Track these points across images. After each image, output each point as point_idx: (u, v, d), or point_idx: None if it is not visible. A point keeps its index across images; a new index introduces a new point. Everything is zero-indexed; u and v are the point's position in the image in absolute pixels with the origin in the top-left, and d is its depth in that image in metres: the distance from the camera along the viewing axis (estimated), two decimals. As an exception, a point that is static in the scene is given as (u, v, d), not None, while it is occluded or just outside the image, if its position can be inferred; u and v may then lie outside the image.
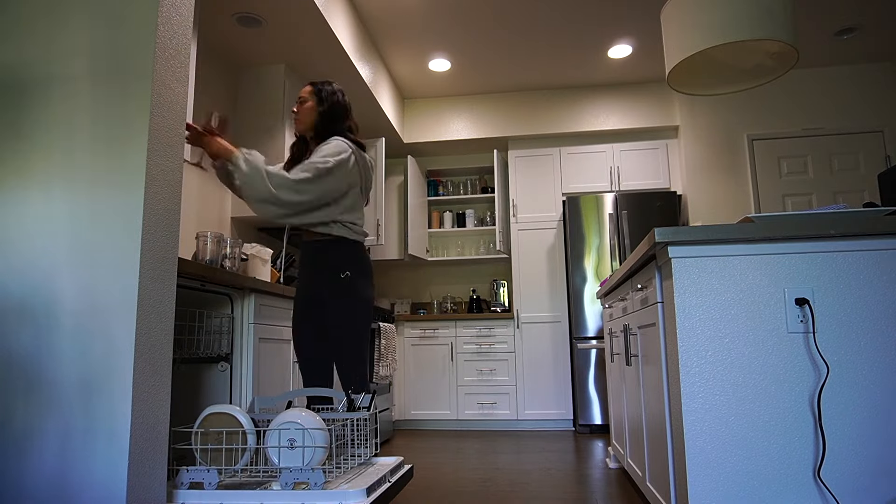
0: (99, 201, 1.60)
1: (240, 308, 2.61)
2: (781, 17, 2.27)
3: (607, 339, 3.07)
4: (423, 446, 4.07)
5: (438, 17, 4.07)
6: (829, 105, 4.77)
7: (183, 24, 1.79)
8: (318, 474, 1.76)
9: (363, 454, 2.16)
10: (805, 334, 1.56)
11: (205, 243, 2.73)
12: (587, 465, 3.33)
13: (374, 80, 4.40)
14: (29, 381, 1.55)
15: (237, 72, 3.90)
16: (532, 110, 5.24)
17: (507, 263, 5.53)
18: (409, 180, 5.21)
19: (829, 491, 1.49)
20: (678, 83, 2.66)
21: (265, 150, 3.76)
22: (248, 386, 2.55)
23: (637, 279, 2.14)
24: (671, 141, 5.06)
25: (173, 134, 1.73)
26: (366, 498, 1.74)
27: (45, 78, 1.67)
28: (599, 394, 4.59)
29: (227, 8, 3.26)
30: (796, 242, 1.60)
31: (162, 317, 1.66)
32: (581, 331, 4.70)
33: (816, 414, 1.52)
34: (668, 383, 1.73)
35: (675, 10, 2.46)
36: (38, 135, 1.65)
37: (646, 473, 2.15)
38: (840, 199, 4.61)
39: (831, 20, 4.17)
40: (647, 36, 4.39)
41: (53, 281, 1.58)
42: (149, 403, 1.59)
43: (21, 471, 1.51)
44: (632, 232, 4.72)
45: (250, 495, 1.74)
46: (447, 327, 4.98)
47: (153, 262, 1.63)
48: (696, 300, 1.61)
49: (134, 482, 1.51)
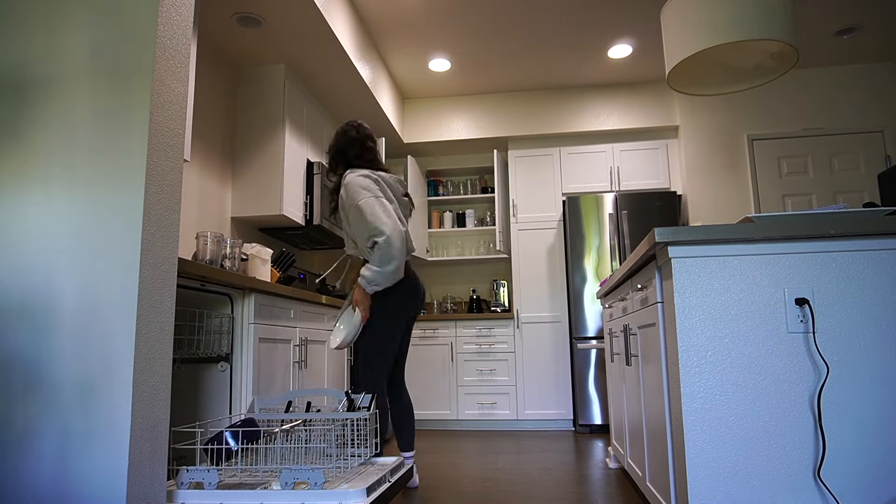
0: (99, 201, 1.60)
1: (240, 308, 2.61)
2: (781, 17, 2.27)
3: (607, 339, 3.07)
4: (422, 446, 4.06)
5: (438, 17, 4.07)
6: (829, 105, 4.77)
7: (183, 23, 1.79)
8: (318, 474, 1.76)
9: (363, 454, 2.16)
10: (805, 334, 1.56)
11: (205, 243, 2.73)
12: (587, 465, 3.32)
13: (374, 80, 4.40)
14: (28, 381, 1.55)
15: (237, 72, 3.90)
16: (532, 110, 5.24)
17: (507, 263, 5.53)
18: (409, 180, 5.20)
19: (829, 491, 1.49)
20: (678, 83, 2.66)
21: (265, 150, 3.76)
22: (248, 386, 2.55)
23: (637, 279, 2.14)
24: (671, 141, 5.06)
25: (173, 134, 1.73)
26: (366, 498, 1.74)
27: (45, 77, 1.67)
28: (599, 394, 4.59)
29: (227, 8, 3.26)
30: (796, 242, 1.60)
31: (162, 317, 1.66)
32: (581, 331, 4.70)
33: (816, 414, 1.52)
34: (668, 383, 1.73)
35: (675, 10, 2.46)
36: (38, 134, 1.65)
37: (646, 473, 2.15)
38: (840, 199, 4.61)
39: (831, 20, 4.17)
40: (647, 36, 4.39)
41: (53, 281, 1.58)
42: (149, 403, 1.59)
43: (21, 471, 1.51)
44: (632, 232, 4.72)
45: (250, 495, 1.74)
46: (447, 327, 4.98)
47: (153, 262, 1.63)
48: (696, 300, 1.61)
49: (134, 482, 1.51)
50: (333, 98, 4.39)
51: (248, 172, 3.78)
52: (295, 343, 3.05)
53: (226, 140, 3.76)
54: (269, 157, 3.76)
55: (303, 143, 4.06)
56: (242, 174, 3.78)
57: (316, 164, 4.06)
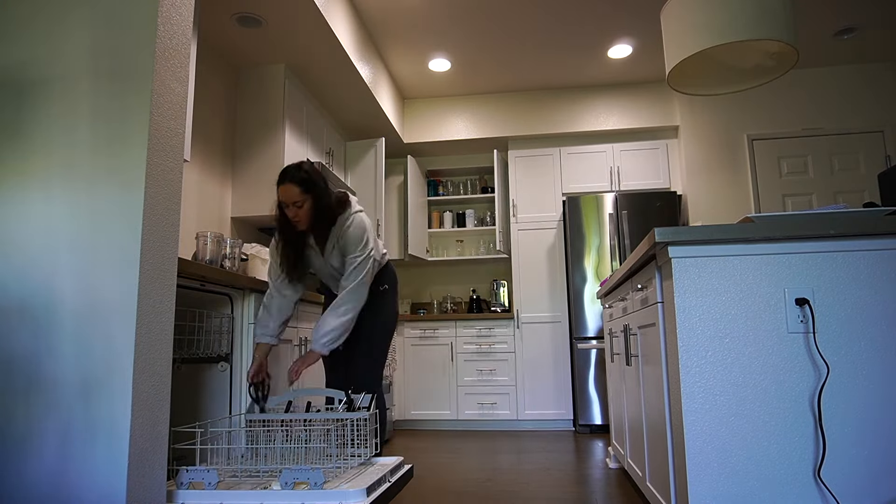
0: (99, 201, 1.60)
1: (240, 308, 2.61)
2: (781, 17, 2.27)
3: (607, 339, 3.07)
4: (423, 446, 4.06)
5: (438, 17, 4.07)
6: (829, 105, 4.77)
7: (183, 23, 1.79)
8: (318, 474, 1.76)
9: (363, 454, 2.16)
10: (805, 334, 1.56)
11: (205, 243, 2.73)
12: (587, 465, 3.32)
13: (374, 80, 4.40)
14: (29, 381, 1.55)
15: (237, 72, 3.90)
16: (532, 110, 5.24)
17: (507, 263, 5.52)
18: (409, 180, 5.21)
19: (829, 491, 1.49)
20: (678, 83, 2.66)
21: (264, 150, 3.76)
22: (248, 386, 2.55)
23: (637, 279, 2.14)
24: (671, 141, 5.06)
25: (173, 134, 1.73)
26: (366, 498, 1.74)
27: (45, 77, 1.67)
28: (599, 394, 4.59)
29: (227, 8, 3.26)
30: (796, 242, 1.60)
31: (162, 317, 1.66)
32: (581, 331, 4.70)
33: (816, 414, 1.52)
34: (668, 383, 1.73)
35: (675, 10, 2.46)
36: (38, 134, 1.65)
37: (646, 473, 2.15)
38: (840, 199, 4.61)
39: (831, 20, 4.17)
40: (647, 36, 4.38)
41: (53, 281, 1.58)
42: (149, 403, 1.59)
43: (21, 471, 1.51)
44: (632, 232, 4.72)
45: (250, 495, 1.74)
46: (447, 327, 4.98)
47: (153, 262, 1.63)
48: (696, 300, 1.61)
49: (134, 482, 1.51)
50: (333, 98, 4.39)
51: (248, 172, 3.78)
52: (295, 343, 3.05)
53: (226, 140, 3.76)
54: (268, 157, 3.76)
55: (303, 143, 4.06)
56: (242, 174, 3.78)
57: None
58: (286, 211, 2.44)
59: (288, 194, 2.39)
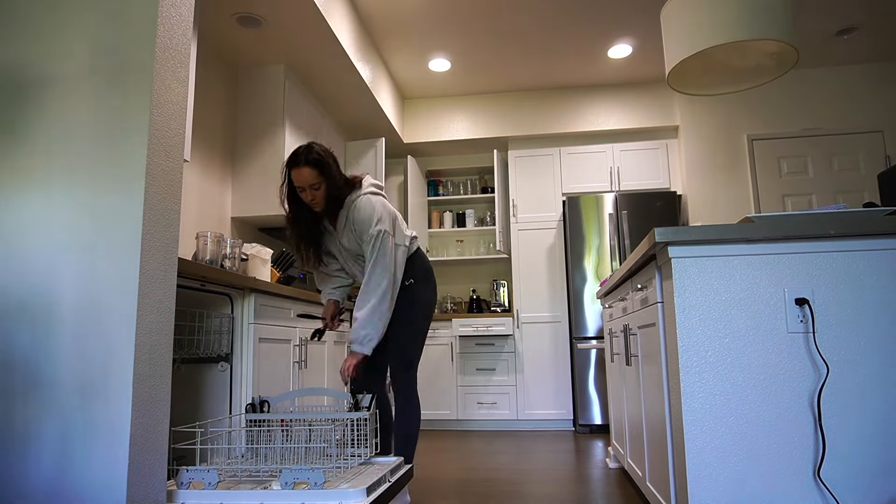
0: (99, 201, 1.60)
1: (240, 308, 2.61)
2: (781, 18, 2.27)
3: (607, 339, 3.07)
4: (423, 446, 4.06)
5: (438, 17, 4.07)
6: (829, 105, 4.77)
7: (183, 23, 1.79)
8: (318, 474, 1.76)
9: (363, 454, 2.16)
10: (805, 334, 1.56)
11: (205, 243, 2.73)
12: (587, 465, 3.32)
13: (374, 80, 4.40)
14: (28, 381, 1.55)
15: (237, 72, 3.90)
16: (532, 110, 5.24)
17: (507, 263, 5.52)
18: (409, 180, 5.21)
19: (829, 491, 1.49)
20: (678, 83, 2.66)
21: (265, 150, 3.76)
22: (248, 386, 2.55)
23: (637, 279, 2.14)
24: (671, 141, 5.06)
25: (173, 134, 1.73)
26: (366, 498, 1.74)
27: (45, 77, 1.67)
28: (599, 394, 4.59)
29: (227, 8, 3.26)
30: (796, 242, 1.60)
31: (162, 317, 1.66)
32: (581, 331, 4.70)
33: (816, 414, 1.52)
34: (668, 383, 1.73)
35: (675, 10, 2.46)
36: (38, 134, 1.65)
37: (646, 473, 2.15)
38: (840, 199, 4.61)
39: (831, 20, 4.17)
40: (647, 36, 4.38)
41: (53, 281, 1.58)
42: (149, 403, 1.59)
43: (21, 471, 1.51)
44: (632, 232, 4.72)
45: (250, 495, 1.74)
46: (447, 327, 4.98)
47: (153, 262, 1.63)
48: (696, 300, 1.61)
49: (134, 482, 1.51)
50: (333, 98, 4.39)
51: (248, 172, 3.78)
52: (295, 343, 3.05)
53: (226, 140, 3.76)
54: (269, 157, 3.76)
55: (302, 142, 4.05)
56: (242, 174, 3.78)
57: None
58: (302, 195, 2.36)
59: (302, 177, 2.31)
